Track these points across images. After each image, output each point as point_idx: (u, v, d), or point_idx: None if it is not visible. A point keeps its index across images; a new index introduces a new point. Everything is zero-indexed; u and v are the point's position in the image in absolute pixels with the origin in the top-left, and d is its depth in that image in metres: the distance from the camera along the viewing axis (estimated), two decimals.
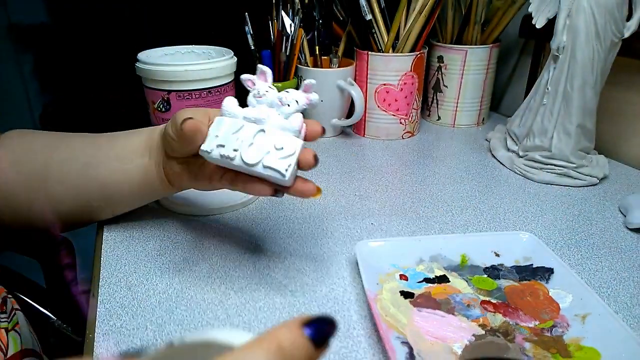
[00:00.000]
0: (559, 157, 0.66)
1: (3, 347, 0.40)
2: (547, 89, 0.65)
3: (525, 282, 0.45)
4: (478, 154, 0.77)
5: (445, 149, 0.80)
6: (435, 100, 0.88)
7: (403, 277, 0.46)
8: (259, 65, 0.42)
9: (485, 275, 0.46)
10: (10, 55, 0.86)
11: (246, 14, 0.77)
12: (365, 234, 0.54)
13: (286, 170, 0.38)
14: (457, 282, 0.45)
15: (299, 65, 0.81)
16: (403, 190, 0.65)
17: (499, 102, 0.99)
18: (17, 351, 0.42)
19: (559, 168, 0.66)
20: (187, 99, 0.64)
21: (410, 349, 0.37)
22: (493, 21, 0.82)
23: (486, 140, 0.81)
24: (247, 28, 0.77)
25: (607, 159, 0.69)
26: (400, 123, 0.82)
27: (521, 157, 0.70)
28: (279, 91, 0.41)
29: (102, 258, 0.49)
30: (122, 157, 0.48)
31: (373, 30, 0.77)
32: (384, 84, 0.78)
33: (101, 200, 0.49)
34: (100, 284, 0.45)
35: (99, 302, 0.43)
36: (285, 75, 0.79)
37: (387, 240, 0.49)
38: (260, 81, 0.42)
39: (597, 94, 0.63)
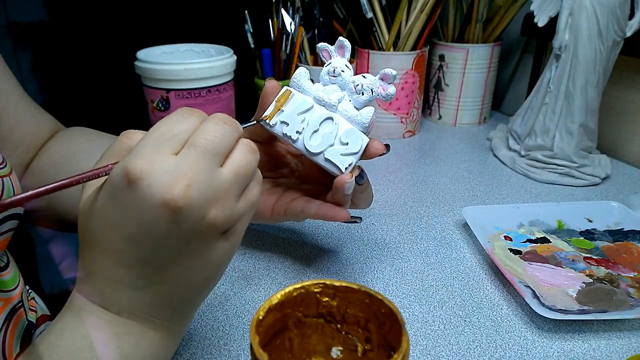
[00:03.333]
0: (561, 156, 0.65)
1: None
2: (549, 88, 0.65)
3: (619, 242, 0.51)
4: (480, 153, 0.76)
5: (447, 148, 0.79)
6: (436, 99, 0.88)
7: (507, 238, 0.52)
8: (340, 38, 0.40)
9: (582, 238, 0.52)
10: (9, 53, 0.86)
11: (246, 12, 0.76)
12: (365, 234, 0.54)
13: (346, 168, 0.38)
14: (558, 243, 0.51)
15: (299, 64, 0.80)
16: (404, 190, 0.64)
17: (500, 101, 0.98)
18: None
19: (561, 167, 0.65)
20: (186, 97, 0.64)
21: (533, 290, 0.42)
22: (495, 20, 0.81)
23: (488, 139, 0.80)
24: (247, 26, 0.77)
25: (609, 159, 0.69)
26: (401, 122, 0.81)
27: (523, 156, 0.69)
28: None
29: None
30: None
31: (374, 29, 0.77)
32: None
33: None
34: None
35: None
36: (285, 74, 0.78)
37: (488, 206, 0.57)
38: (338, 56, 0.40)
39: (600, 93, 0.63)
